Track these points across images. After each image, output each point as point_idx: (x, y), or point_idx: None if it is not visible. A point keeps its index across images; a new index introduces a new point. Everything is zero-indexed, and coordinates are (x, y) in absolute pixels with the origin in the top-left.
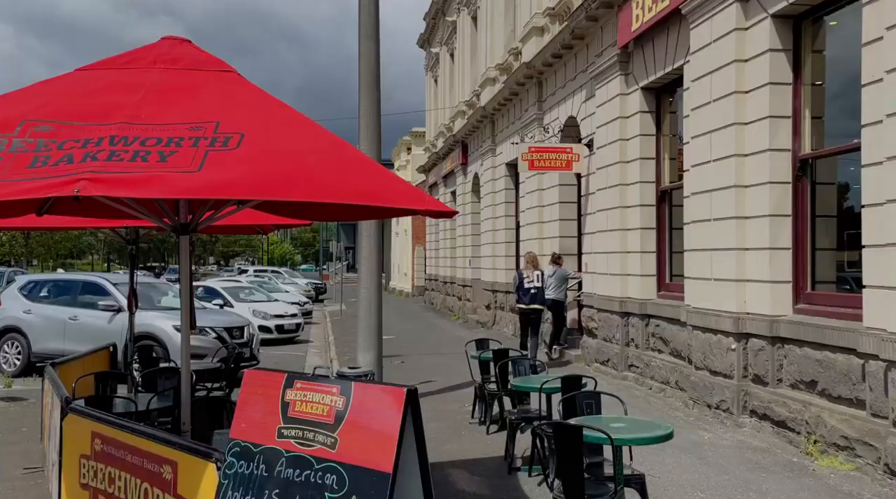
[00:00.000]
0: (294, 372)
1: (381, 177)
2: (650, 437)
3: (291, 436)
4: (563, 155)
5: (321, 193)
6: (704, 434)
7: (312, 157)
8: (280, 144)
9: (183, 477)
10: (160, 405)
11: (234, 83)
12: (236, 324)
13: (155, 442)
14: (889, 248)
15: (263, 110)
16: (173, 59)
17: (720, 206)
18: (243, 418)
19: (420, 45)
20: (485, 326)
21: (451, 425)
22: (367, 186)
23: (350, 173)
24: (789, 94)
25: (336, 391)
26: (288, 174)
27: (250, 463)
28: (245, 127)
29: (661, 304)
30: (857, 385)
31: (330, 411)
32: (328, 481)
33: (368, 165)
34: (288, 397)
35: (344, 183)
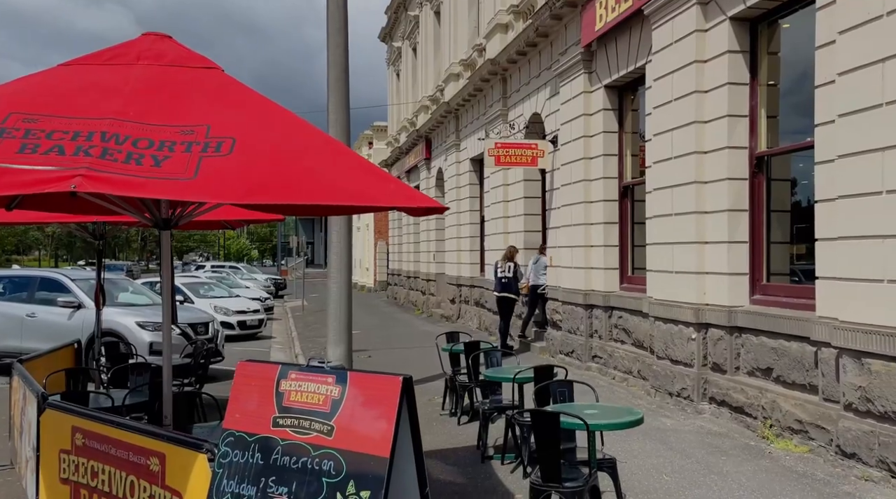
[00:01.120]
0: (287, 363)
1: (375, 175)
2: (622, 422)
3: (287, 425)
4: (529, 151)
5: (321, 196)
6: (667, 421)
7: (306, 158)
8: (272, 146)
9: (171, 469)
10: (134, 401)
11: (220, 82)
12: (201, 320)
13: (141, 435)
14: (840, 241)
15: (251, 111)
16: (156, 54)
17: (681, 201)
18: (237, 409)
19: (382, 39)
20: (449, 320)
21: (423, 417)
22: (362, 186)
23: (344, 173)
24: (746, 93)
25: (332, 381)
26: (284, 178)
27: (245, 452)
28: (236, 130)
29: (624, 296)
30: (811, 372)
31: (326, 399)
32: (325, 467)
33: (360, 162)
34: (282, 388)
35: (340, 184)
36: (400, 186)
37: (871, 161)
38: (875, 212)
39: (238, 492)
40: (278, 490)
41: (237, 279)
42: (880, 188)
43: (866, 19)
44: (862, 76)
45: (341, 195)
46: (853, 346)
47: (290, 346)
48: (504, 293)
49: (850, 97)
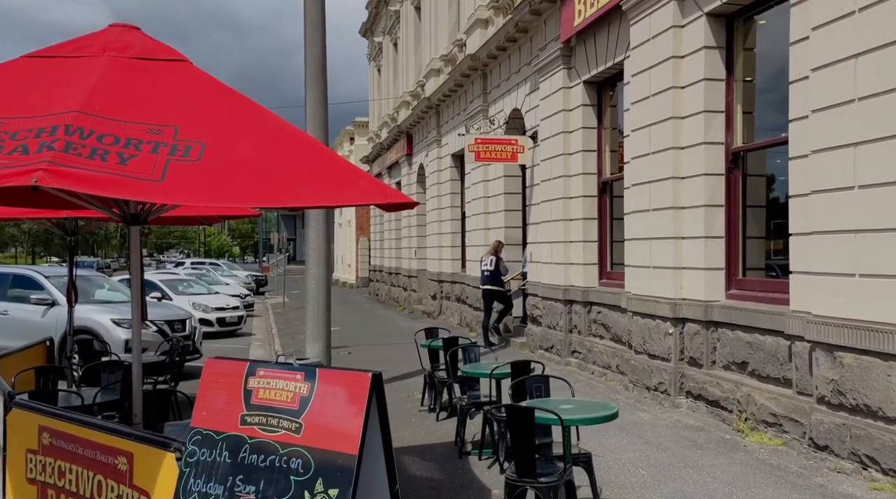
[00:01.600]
0: (256, 360)
1: (345, 172)
2: (597, 416)
3: (255, 423)
4: (509, 146)
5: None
6: (644, 415)
7: (277, 157)
8: (242, 148)
9: (139, 468)
10: (105, 399)
11: (189, 76)
12: (178, 317)
13: (109, 434)
14: (813, 236)
15: (221, 108)
16: (123, 46)
17: (658, 196)
18: (204, 407)
19: (363, 34)
20: (431, 316)
21: (401, 413)
22: (334, 184)
23: (317, 172)
24: (722, 89)
25: (300, 378)
26: (254, 182)
27: (213, 450)
28: (205, 133)
29: (602, 291)
30: (785, 365)
31: (294, 397)
32: (293, 465)
33: (332, 159)
34: (251, 385)
35: (312, 184)
36: (372, 183)
37: (844, 156)
38: (847, 207)
39: (205, 491)
40: (245, 489)
41: (217, 276)
42: (852, 183)
43: (839, 15)
44: (835, 72)
45: (314, 197)
46: (826, 339)
47: (270, 342)
48: (485, 286)
49: (823, 93)
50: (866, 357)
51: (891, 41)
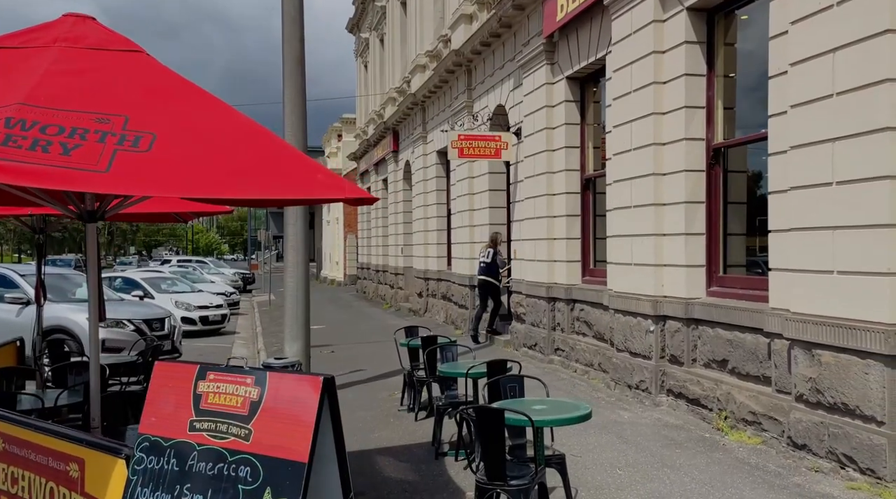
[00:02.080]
0: (207, 363)
1: (301, 166)
2: (569, 417)
3: (204, 429)
4: (493, 143)
5: (244, 190)
6: (624, 414)
7: (231, 150)
8: (195, 139)
9: (91, 475)
10: (71, 401)
11: (143, 67)
12: (156, 316)
13: (61, 439)
14: (792, 232)
15: (174, 99)
16: (76, 37)
17: (640, 193)
18: (153, 412)
19: (349, 29)
20: (417, 314)
21: (381, 413)
22: (283, 178)
23: (271, 165)
24: (703, 85)
25: (250, 382)
26: (206, 174)
27: (161, 458)
28: (156, 124)
29: (585, 289)
30: (764, 363)
31: (244, 402)
32: (242, 474)
33: (287, 153)
34: (200, 389)
35: (267, 177)
36: (329, 177)
37: (822, 152)
38: (825, 203)
39: None
40: (193, 498)
41: (204, 274)
42: (830, 179)
43: (817, 9)
44: (813, 66)
45: (266, 190)
46: (804, 337)
47: (253, 341)
48: (481, 276)
49: (802, 88)
50: (844, 355)
51: (868, 35)
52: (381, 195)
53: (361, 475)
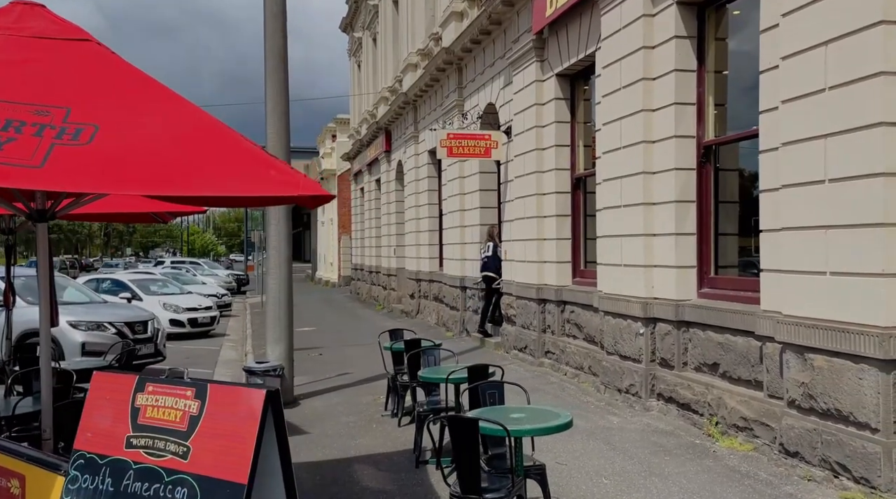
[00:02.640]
0: (147, 373)
1: (253, 161)
2: (549, 427)
3: (141, 446)
4: (482, 142)
5: (183, 188)
6: (613, 419)
7: (176, 145)
8: (141, 132)
9: (31, 492)
10: (35, 409)
11: (91, 56)
12: (139, 318)
13: (1, 453)
14: (783, 232)
15: (123, 90)
16: (21, 26)
17: (629, 192)
18: (89, 427)
19: (343, 29)
20: (409, 316)
21: (363, 418)
22: (232, 174)
23: (219, 159)
24: (694, 81)
25: (191, 395)
26: (145, 169)
27: (96, 477)
28: (100, 116)
29: (575, 290)
30: (756, 367)
31: (183, 416)
32: (178, 495)
33: (239, 147)
34: (139, 402)
35: (211, 173)
36: (283, 173)
37: (814, 149)
38: (817, 201)
39: None
40: None
41: (199, 275)
42: (822, 177)
43: (809, 0)
44: (805, 60)
45: (214, 186)
46: (796, 340)
47: (243, 343)
48: (483, 272)
49: (793, 82)
50: (837, 359)
51: (861, 27)
52: (374, 196)
53: (337, 485)
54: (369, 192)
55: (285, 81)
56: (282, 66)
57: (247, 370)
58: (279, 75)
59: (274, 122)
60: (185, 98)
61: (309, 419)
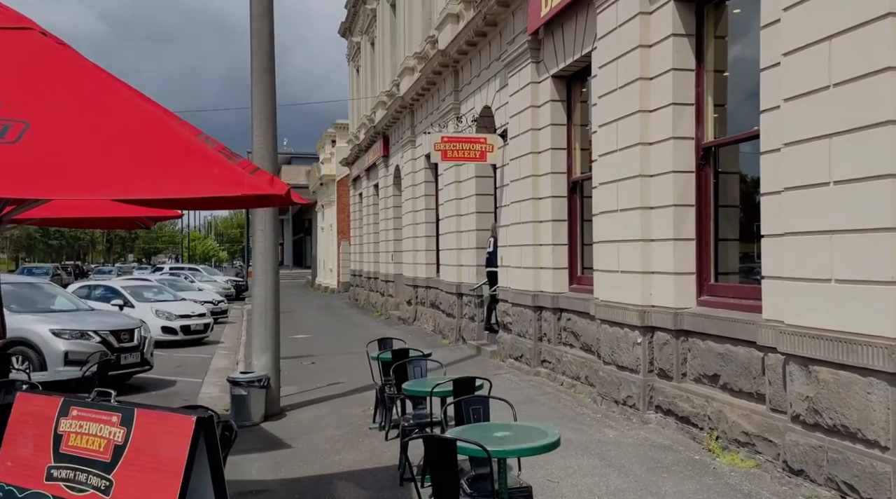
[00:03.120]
0: (73, 396)
1: (196, 159)
2: (533, 447)
3: (62, 478)
4: (478, 145)
5: (116, 189)
6: (609, 432)
7: (111, 142)
8: (73, 129)
9: None
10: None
11: (31, 46)
12: (125, 326)
13: None
14: (786, 237)
15: (60, 84)
16: None
17: (626, 196)
18: (10, 455)
19: (342, 34)
20: (406, 323)
21: (350, 431)
22: (172, 173)
23: (158, 157)
24: (692, 80)
25: (116, 421)
26: (77, 169)
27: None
28: (32, 112)
29: (572, 297)
30: (758, 379)
31: (107, 445)
32: None
33: (182, 144)
34: (62, 428)
35: (145, 172)
36: (227, 171)
37: (818, 149)
38: (821, 205)
39: None
40: None
41: (197, 281)
42: (827, 179)
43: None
44: (807, 56)
45: (150, 187)
46: (800, 352)
47: (236, 351)
48: (487, 268)
49: (795, 79)
50: (844, 372)
51: (867, 20)
52: (373, 201)
53: None
54: (368, 197)
55: (272, 83)
56: (268, 68)
57: (231, 381)
58: (266, 77)
59: (260, 125)
60: (135, 89)
61: (293, 432)
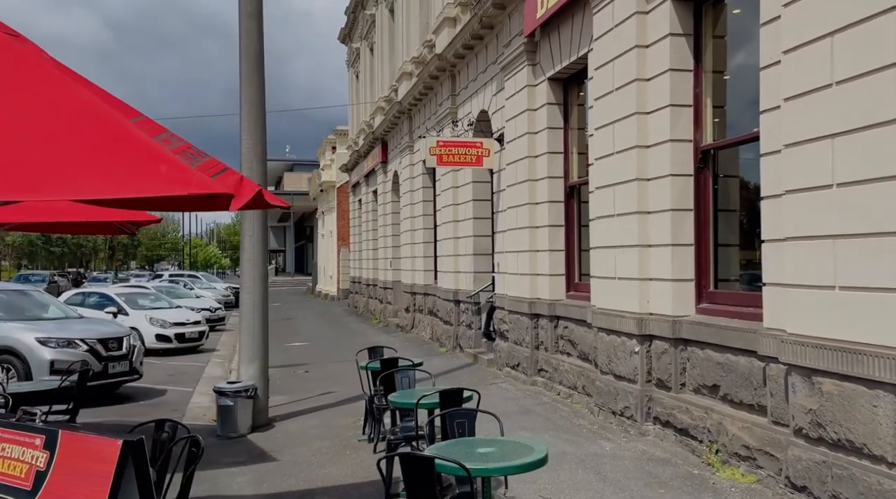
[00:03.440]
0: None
1: (142, 156)
2: (517, 465)
3: None
4: (473, 150)
5: (50, 189)
6: (606, 444)
7: (49, 139)
8: (10, 130)
9: None
10: None
11: None
12: (113, 334)
13: None
14: (787, 242)
15: (5, 78)
16: None
17: (623, 200)
18: None
19: (341, 40)
20: (404, 330)
21: (338, 443)
22: (115, 171)
23: (98, 156)
24: (690, 81)
25: (39, 444)
26: (5, 167)
27: None
28: None
29: (569, 304)
30: (759, 390)
31: (29, 471)
32: None
33: (128, 140)
34: None
35: (86, 171)
36: (175, 168)
37: (820, 150)
38: (824, 208)
39: None
40: None
41: (196, 288)
42: (830, 181)
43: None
44: (809, 53)
45: (88, 186)
46: (802, 362)
47: (231, 359)
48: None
49: (797, 78)
50: (848, 384)
51: (871, 14)
52: (371, 207)
53: None
54: (367, 203)
55: (261, 85)
56: (258, 68)
57: (217, 391)
58: (255, 77)
59: (248, 127)
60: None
61: (280, 444)
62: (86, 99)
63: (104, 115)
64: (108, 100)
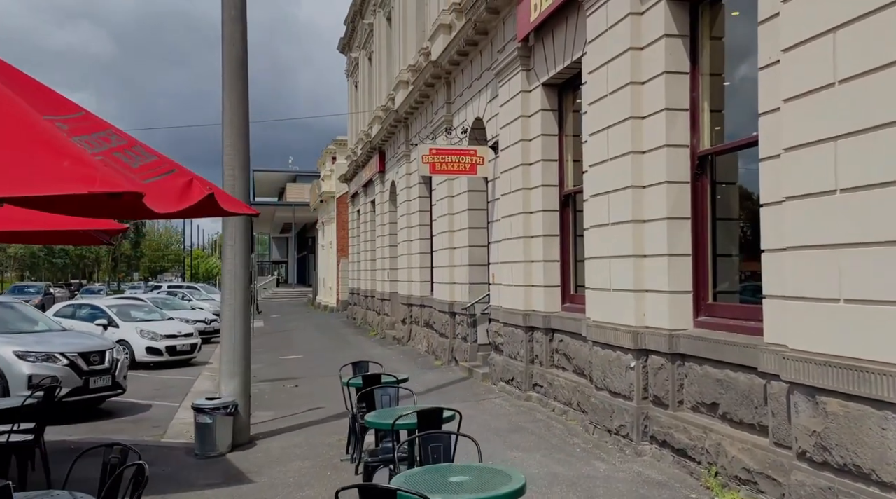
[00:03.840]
0: None
1: (44, 152)
2: (490, 497)
3: None
4: (467, 157)
5: None
6: (600, 465)
7: None
8: None
9: None
10: None
11: None
12: (95, 348)
13: None
14: (788, 252)
15: None
16: None
17: (617, 208)
18: None
19: (341, 50)
20: (400, 343)
21: (320, 463)
22: (9, 168)
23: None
24: (687, 84)
25: None
26: None
27: None
28: None
29: (564, 317)
30: (760, 409)
31: None
32: None
33: (26, 134)
34: None
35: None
36: (79, 163)
37: (822, 153)
38: (827, 216)
39: None
40: None
41: (194, 300)
42: (833, 186)
43: None
44: (809, 50)
45: None
46: (805, 380)
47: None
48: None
49: (796, 77)
50: (855, 404)
51: (876, 8)
52: (370, 218)
53: None
54: (365, 214)
55: (244, 91)
56: (241, 74)
57: (195, 408)
58: (238, 84)
59: (231, 134)
60: (24, 78)
61: (259, 464)
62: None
63: (14, 112)
64: (27, 92)
